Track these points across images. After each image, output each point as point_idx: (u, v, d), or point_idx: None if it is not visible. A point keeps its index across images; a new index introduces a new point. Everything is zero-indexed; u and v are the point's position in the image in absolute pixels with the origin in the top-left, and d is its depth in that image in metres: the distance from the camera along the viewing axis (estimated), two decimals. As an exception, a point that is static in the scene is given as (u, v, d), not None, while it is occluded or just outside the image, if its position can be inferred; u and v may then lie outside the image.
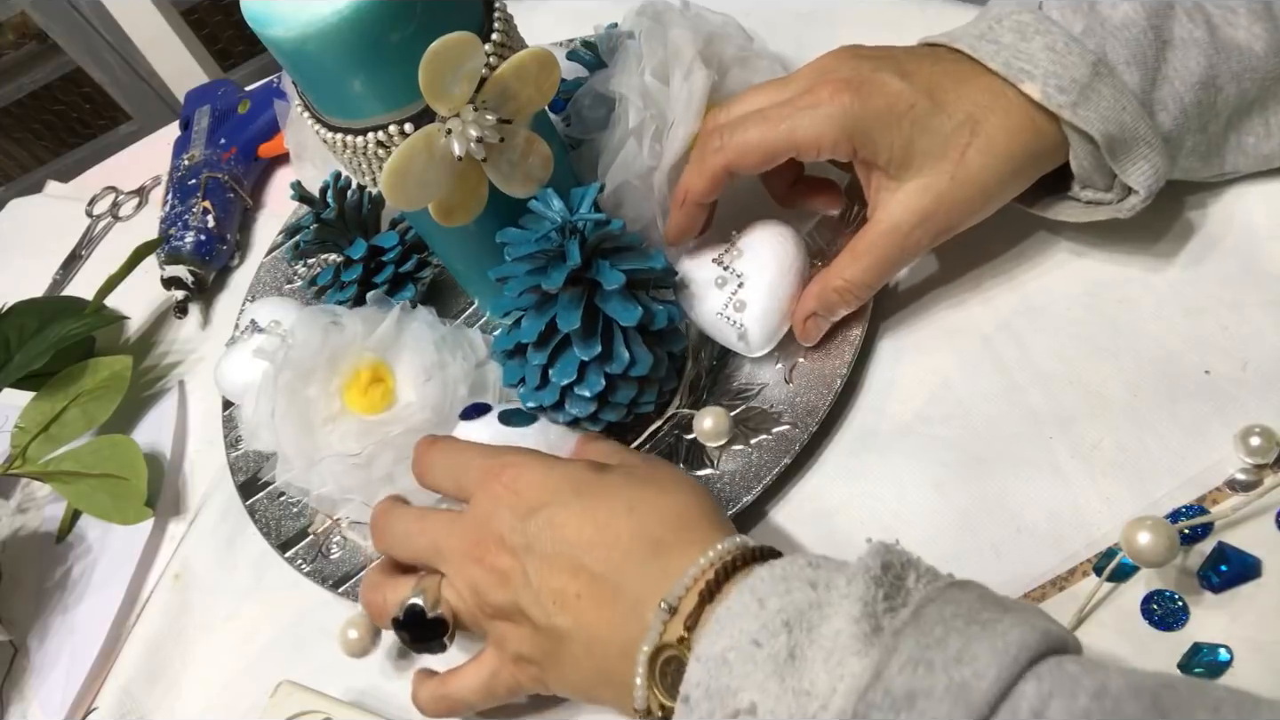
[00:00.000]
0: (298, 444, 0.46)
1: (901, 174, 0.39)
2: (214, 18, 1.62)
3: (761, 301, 0.43)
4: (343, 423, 0.46)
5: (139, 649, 0.51)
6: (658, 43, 0.47)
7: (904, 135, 0.38)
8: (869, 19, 0.58)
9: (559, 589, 0.34)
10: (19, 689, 0.52)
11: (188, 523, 0.55)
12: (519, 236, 0.42)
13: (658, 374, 0.43)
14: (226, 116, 0.73)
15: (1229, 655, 0.33)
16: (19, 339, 0.60)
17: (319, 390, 0.47)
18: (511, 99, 0.40)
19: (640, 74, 0.47)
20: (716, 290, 0.44)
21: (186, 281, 0.65)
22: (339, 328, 0.48)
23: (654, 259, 0.43)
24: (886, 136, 0.38)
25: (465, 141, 0.39)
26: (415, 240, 0.54)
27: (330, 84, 0.39)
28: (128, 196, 0.79)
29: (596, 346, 0.41)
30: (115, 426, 0.58)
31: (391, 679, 0.45)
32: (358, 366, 0.47)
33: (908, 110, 0.38)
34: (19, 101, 1.65)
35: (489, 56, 0.39)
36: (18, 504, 0.62)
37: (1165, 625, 0.35)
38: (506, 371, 0.44)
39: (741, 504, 0.41)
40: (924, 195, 0.39)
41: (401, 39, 0.37)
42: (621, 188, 0.47)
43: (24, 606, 0.55)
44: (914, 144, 0.38)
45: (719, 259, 0.44)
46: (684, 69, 0.46)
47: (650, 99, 0.47)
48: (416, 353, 0.47)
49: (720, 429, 0.43)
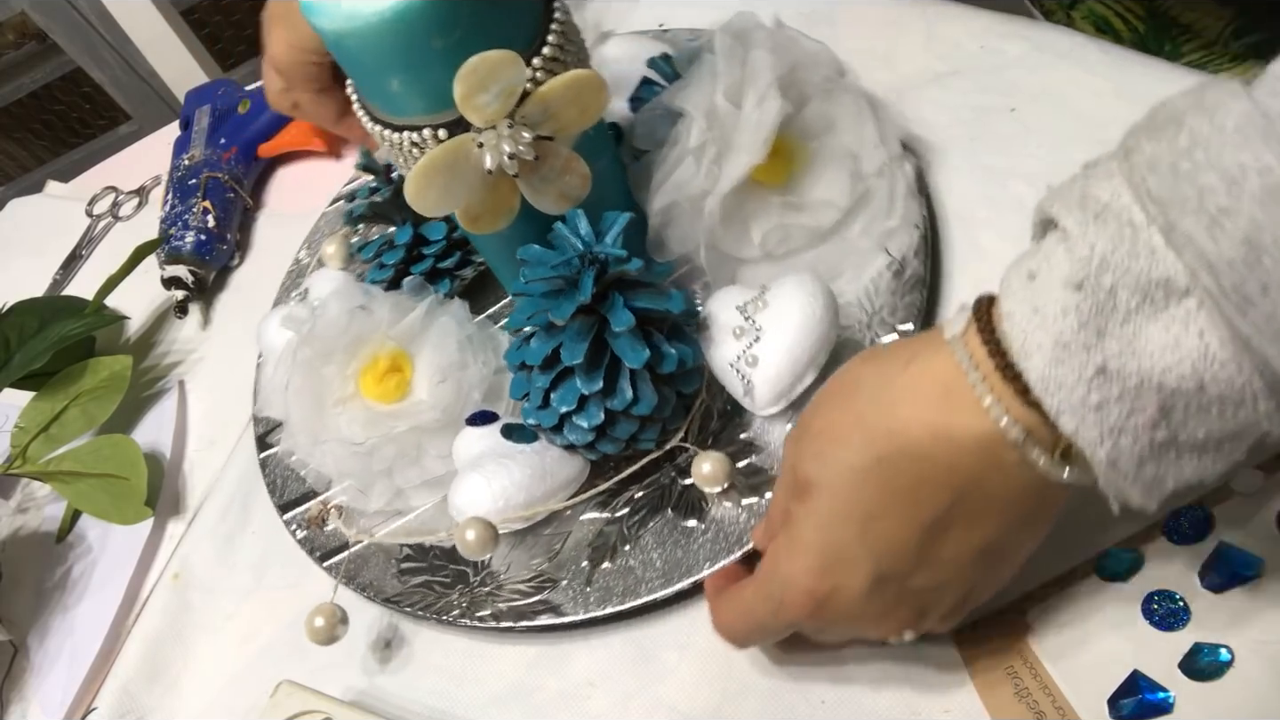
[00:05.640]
0: (306, 421, 0.47)
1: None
2: (214, 18, 1.62)
3: (775, 361, 0.41)
4: (353, 408, 0.47)
5: (138, 649, 0.51)
6: (736, 62, 0.45)
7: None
8: (869, 19, 0.58)
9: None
10: (19, 689, 0.52)
11: (187, 522, 0.55)
12: (539, 256, 0.41)
13: (662, 414, 0.42)
14: (226, 116, 0.73)
15: (1229, 655, 0.33)
16: (19, 339, 0.60)
17: (336, 371, 0.47)
18: (553, 118, 0.39)
19: (712, 93, 0.45)
20: (733, 339, 0.42)
21: (186, 281, 0.65)
22: (367, 312, 0.48)
23: (671, 300, 0.41)
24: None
25: (498, 155, 0.37)
26: (462, 236, 0.54)
27: (370, 79, 0.38)
28: (128, 196, 0.79)
29: (599, 382, 0.40)
30: (115, 426, 0.58)
31: (392, 679, 0.45)
32: (378, 353, 0.47)
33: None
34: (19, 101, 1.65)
35: (536, 71, 0.38)
36: (18, 504, 0.61)
37: (1166, 625, 0.35)
38: (514, 384, 0.44)
39: (719, 564, 0.41)
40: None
41: (444, 45, 0.35)
42: (671, 207, 0.46)
43: (24, 606, 0.55)
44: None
45: (744, 306, 0.43)
46: (758, 94, 0.44)
47: (716, 120, 0.45)
48: (438, 350, 0.47)
49: (719, 475, 0.42)
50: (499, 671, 0.44)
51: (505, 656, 0.44)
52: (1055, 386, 0.26)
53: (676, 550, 0.42)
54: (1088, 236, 0.26)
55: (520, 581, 0.45)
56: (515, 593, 0.44)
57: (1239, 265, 0.23)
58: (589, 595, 0.43)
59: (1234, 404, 0.25)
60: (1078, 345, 0.26)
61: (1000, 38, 0.54)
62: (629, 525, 0.44)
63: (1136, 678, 0.34)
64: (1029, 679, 0.36)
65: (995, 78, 0.53)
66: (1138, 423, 0.26)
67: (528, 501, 0.43)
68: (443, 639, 0.46)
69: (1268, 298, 0.23)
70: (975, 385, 0.29)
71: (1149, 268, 0.25)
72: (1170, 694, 0.33)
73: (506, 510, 0.43)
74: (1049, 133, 0.50)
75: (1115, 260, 0.26)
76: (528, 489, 0.43)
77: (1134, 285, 0.25)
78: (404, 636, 0.47)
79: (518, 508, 0.43)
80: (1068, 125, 0.49)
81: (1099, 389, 0.26)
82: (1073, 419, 0.26)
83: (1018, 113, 0.51)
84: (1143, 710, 0.33)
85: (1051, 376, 0.26)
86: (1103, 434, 0.26)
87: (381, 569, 0.47)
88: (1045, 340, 0.26)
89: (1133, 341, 0.25)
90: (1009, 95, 0.51)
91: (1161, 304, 0.25)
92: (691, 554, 0.42)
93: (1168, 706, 0.33)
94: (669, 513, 0.44)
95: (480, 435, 0.45)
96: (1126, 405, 0.26)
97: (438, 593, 0.45)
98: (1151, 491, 0.27)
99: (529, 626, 0.43)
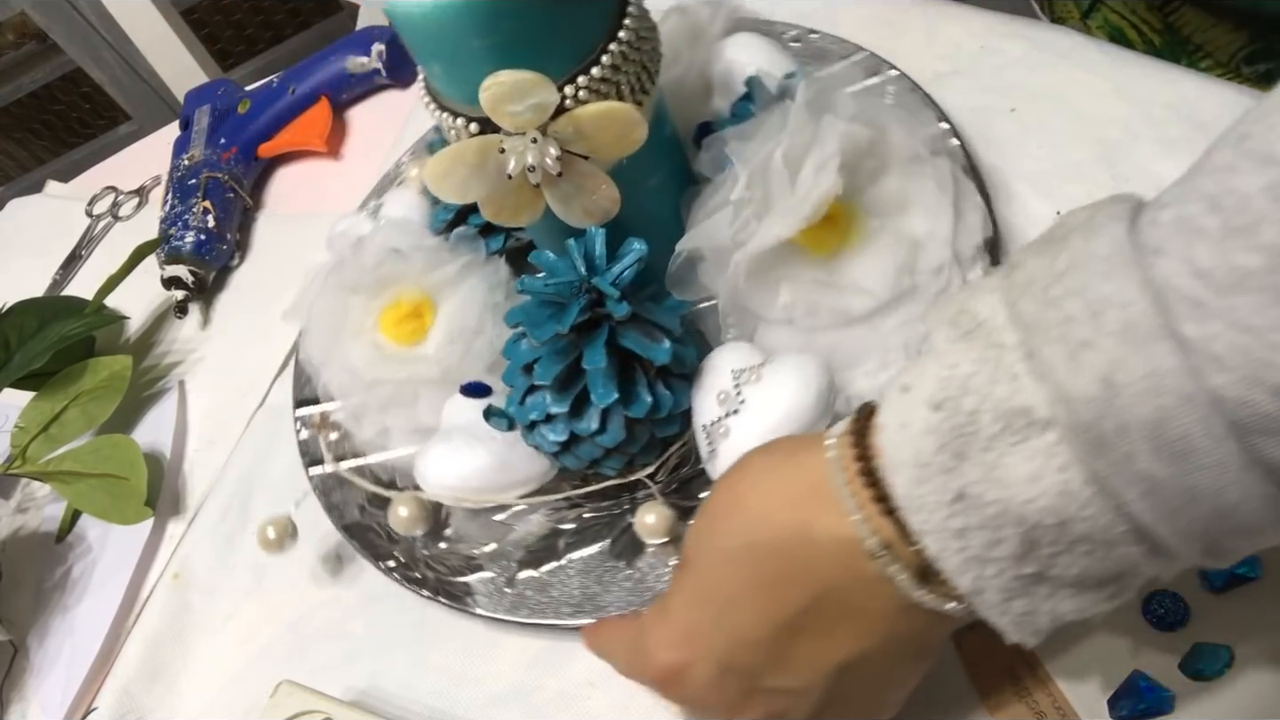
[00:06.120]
0: (322, 338, 0.49)
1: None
2: (214, 18, 1.62)
3: (743, 443, 0.37)
4: (365, 341, 0.48)
5: (138, 649, 0.51)
6: (810, 121, 0.41)
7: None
8: (869, 19, 0.58)
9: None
10: (19, 689, 0.52)
11: (187, 522, 0.55)
12: (547, 264, 0.40)
13: (628, 450, 0.41)
14: (226, 116, 0.73)
15: (1230, 655, 0.33)
16: (19, 339, 0.60)
17: (361, 303, 0.49)
18: (585, 139, 0.37)
19: (772, 148, 0.41)
20: (716, 403, 0.40)
21: (186, 281, 0.65)
22: (400, 257, 0.48)
23: (656, 350, 0.39)
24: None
25: (521, 164, 0.37)
26: None
27: (418, 55, 0.38)
28: (128, 196, 0.79)
29: (566, 405, 0.40)
30: (115, 426, 0.58)
31: (392, 679, 0.45)
32: (402, 296, 0.48)
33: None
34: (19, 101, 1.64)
35: (579, 90, 0.36)
36: (18, 504, 0.61)
37: (1166, 625, 0.35)
38: (506, 372, 0.44)
39: (628, 609, 0.42)
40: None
41: (484, 46, 0.35)
42: (697, 252, 0.44)
43: (24, 606, 0.55)
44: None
45: (738, 373, 0.40)
46: (816, 164, 0.40)
47: (764, 179, 0.41)
48: (460, 310, 0.48)
49: (659, 529, 0.41)
50: (499, 671, 0.44)
51: (505, 656, 0.45)
52: (918, 506, 0.25)
53: (595, 585, 0.43)
54: (954, 355, 0.25)
55: (456, 556, 0.46)
56: (445, 566, 0.46)
57: (1097, 402, 0.22)
58: (506, 596, 0.44)
59: (1102, 544, 0.24)
60: (937, 467, 0.25)
61: (1000, 38, 0.54)
62: (566, 542, 0.45)
63: (1136, 678, 0.34)
64: (1029, 678, 0.36)
65: (995, 78, 0.53)
66: (1001, 554, 0.25)
67: (482, 488, 0.44)
68: (443, 639, 0.46)
69: (1124, 439, 0.22)
70: (839, 489, 0.28)
71: (1010, 394, 0.24)
72: (1170, 694, 0.33)
73: (459, 490, 0.44)
74: (1049, 133, 0.50)
75: (976, 384, 0.25)
76: (487, 476, 0.44)
77: (996, 411, 0.24)
78: (404, 635, 0.47)
79: (471, 491, 0.44)
80: (1068, 125, 0.49)
81: (960, 515, 0.25)
82: (935, 542, 0.25)
83: (1018, 113, 0.51)
84: (1143, 710, 0.33)
85: (914, 495, 0.25)
86: (965, 561, 0.25)
87: (352, 495, 0.49)
88: (908, 458, 0.26)
89: (993, 470, 0.24)
90: (1009, 95, 0.51)
91: (1024, 433, 0.24)
92: (606, 592, 0.43)
93: (1168, 706, 0.33)
94: (606, 544, 0.44)
95: (467, 406, 0.45)
96: (988, 535, 0.25)
97: (384, 539, 0.47)
98: (1023, 627, 0.26)
99: (448, 606, 0.45)
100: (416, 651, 0.46)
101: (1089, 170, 0.48)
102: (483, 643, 0.45)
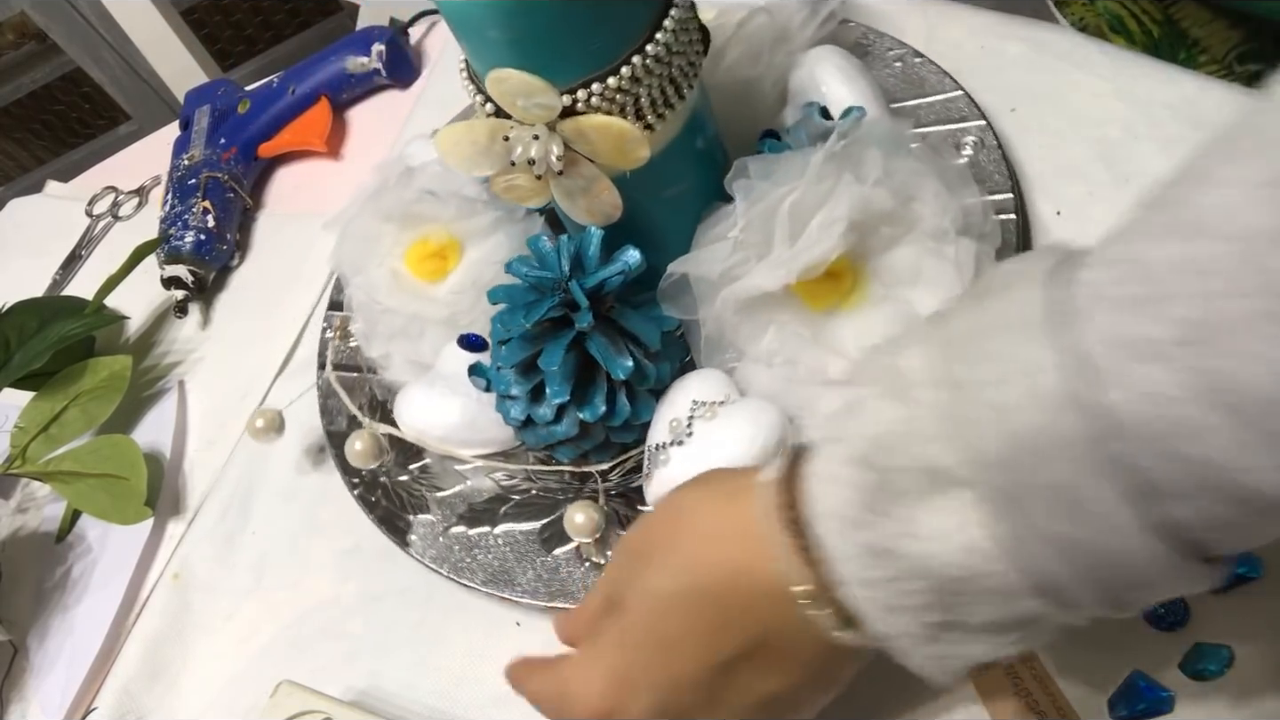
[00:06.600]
0: (351, 255, 0.50)
1: None
2: (214, 18, 1.62)
3: (679, 476, 0.37)
4: (386, 269, 0.49)
5: (138, 649, 0.51)
6: (828, 175, 0.39)
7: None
8: (869, 19, 0.58)
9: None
10: (19, 689, 0.52)
11: (187, 522, 0.55)
12: (537, 250, 0.41)
13: (582, 445, 0.42)
14: (226, 116, 0.73)
15: (1230, 655, 0.33)
16: (19, 339, 0.60)
17: (392, 231, 0.50)
18: (588, 144, 0.37)
19: (785, 193, 0.39)
20: (667, 429, 0.40)
21: (186, 281, 0.65)
22: (434, 199, 0.48)
23: (616, 365, 0.39)
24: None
25: (524, 155, 0.37)
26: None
27: (449, 25, 0.38)
28: (128, 196, 0.79)
29: (526, 389, 0.41)
30: (115, 426, 0.58)
31: (392, 679, 0.45)
32: (430, 236, 0.49)
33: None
34: (19, 101, 1.64)
35: (591, 97, 0.36)
36: (18, 504, 0.61)
37: (1166, 625, 0.35)
38: (491, 335, 0.45)
39: (548, 608, 0.42)
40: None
41: (502, 39, 0.35)
42: (684, 278, 0.42)
43: (24, 606, 0.55)
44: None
45: (695, 405, 0.40)
46: (823, 224, 0.39)
47: (763, 224, 0.40)
48: (483, 260, 0.48)
49: (585, 529, 0.41)
50: (499, 671, 0.44)
51: (506, 657, 0.44)
52: (837, 555, 0.26)
53: (513, 560, 0.44)
54: (875, 410, 0.26)
55: (412, 491, 0.48)
56: (394, 501, 0.48)
57: (1006, 465, 0.23)
58: (436, 545, 0.45)
59: (1008, 597, 0.25)
60: (855, 520, 0.26)
61: (1000, 38, 0.54)
62: (506, 510, 0.46)
63: (1136, 678, 0.34)
64: (1029, 678, 0.36)
65: (995, 78, 0.52)
66: (914, 604, 0.26)
67: (446, 439, 0.46)
68: (443, 639, 0.46)
69: (1031, 501, 0.23)
70: (771, 536, 0.28)
71: (927, 454, 0.25)
72: (1170, 694, 0.33)
73: (423, 435, 0.46)
74: (1049, 133, 0.50)
75: (893, 441, 0.26)
76: (453, 429, 0.45)
77: (911, 467, 0.25)
78: (404, 635, 0.47)
79: (435, 440, 0.46)
80: (1068, 125, 0.49)
81: (875, 566, 0.26)
82: (853, 589, 0.26)
83: (1018, 113, 0.51)
84: (1143, 710, 0.33)
85: (834, 545, 0.26)
86: (880, 609, 0.26)
87: (344, 405, 0.51)
88: (830, 508, 0.27)
89: (909, 524, 0.25)
90: (1009, 95, 0.51)
91: (938, 490, 0.25)
92: (520, 573, 0.44)
93: (1167, 706, 0.33)
94: (538, 525, 0.45)
95: (458, 356, 0.46)
96: (902, 586, 0.26)
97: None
98: (940, 668, 0.27)
99: (387, 538, 0.47)
100: (417, 651, 0.46)
101: (1089, 170, 0.48)
102: (483, 643, 0.45)
